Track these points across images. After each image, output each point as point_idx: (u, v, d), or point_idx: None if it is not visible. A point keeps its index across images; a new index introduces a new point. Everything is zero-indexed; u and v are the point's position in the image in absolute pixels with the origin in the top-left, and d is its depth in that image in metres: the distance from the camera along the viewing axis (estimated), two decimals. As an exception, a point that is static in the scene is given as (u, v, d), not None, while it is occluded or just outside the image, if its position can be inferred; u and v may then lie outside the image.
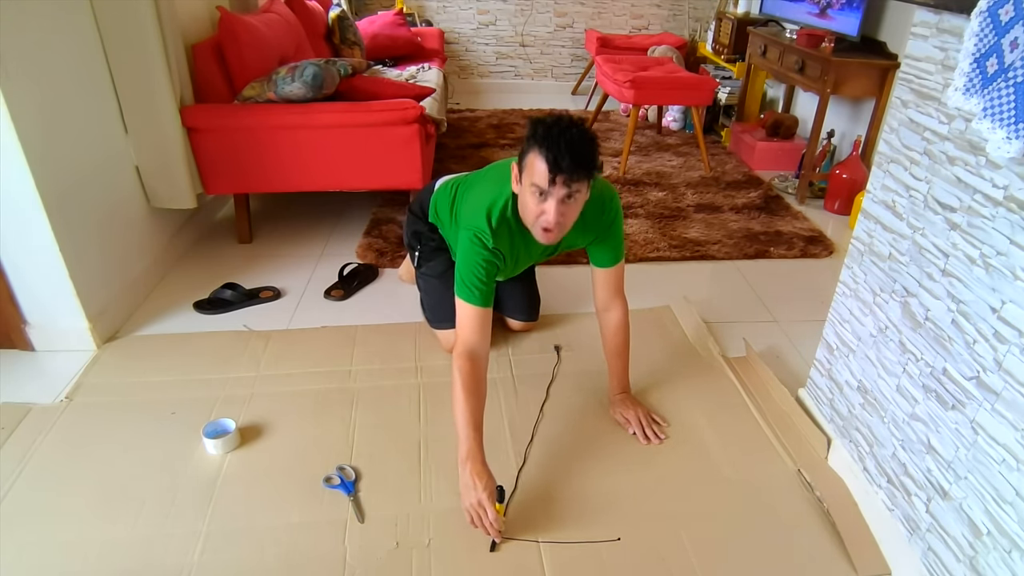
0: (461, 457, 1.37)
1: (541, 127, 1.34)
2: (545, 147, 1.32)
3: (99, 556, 1.31)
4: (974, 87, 1.04)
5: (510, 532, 1.37)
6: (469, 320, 1.48)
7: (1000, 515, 1.05)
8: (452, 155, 3.53)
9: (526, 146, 1.37)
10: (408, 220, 2.00)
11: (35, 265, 1.80)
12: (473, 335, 1.47)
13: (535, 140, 1.34)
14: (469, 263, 1.48)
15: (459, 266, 1.50)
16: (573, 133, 1.32)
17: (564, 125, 1.33)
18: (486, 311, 1.49)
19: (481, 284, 1.47)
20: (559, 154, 1.30)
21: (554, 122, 1.34)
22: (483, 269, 1.48)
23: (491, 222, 1.50)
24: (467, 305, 1.48)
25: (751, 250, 2.62)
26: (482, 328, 1.48)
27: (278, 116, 2.30)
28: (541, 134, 1.33)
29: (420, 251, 1.93)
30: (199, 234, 2.65)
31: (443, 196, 1.84)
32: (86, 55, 1.94)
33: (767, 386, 1.81)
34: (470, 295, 1.47)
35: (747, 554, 1.35)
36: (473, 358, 1.45)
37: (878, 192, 1.39)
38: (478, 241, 1.49)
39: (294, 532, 1.37)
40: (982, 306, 1.09)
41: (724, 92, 4.08)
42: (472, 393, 1.40)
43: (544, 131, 1.33)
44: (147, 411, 1.69)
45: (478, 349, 1.47)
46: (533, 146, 1.34)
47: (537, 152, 1.33)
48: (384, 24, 3.94)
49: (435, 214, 1.89)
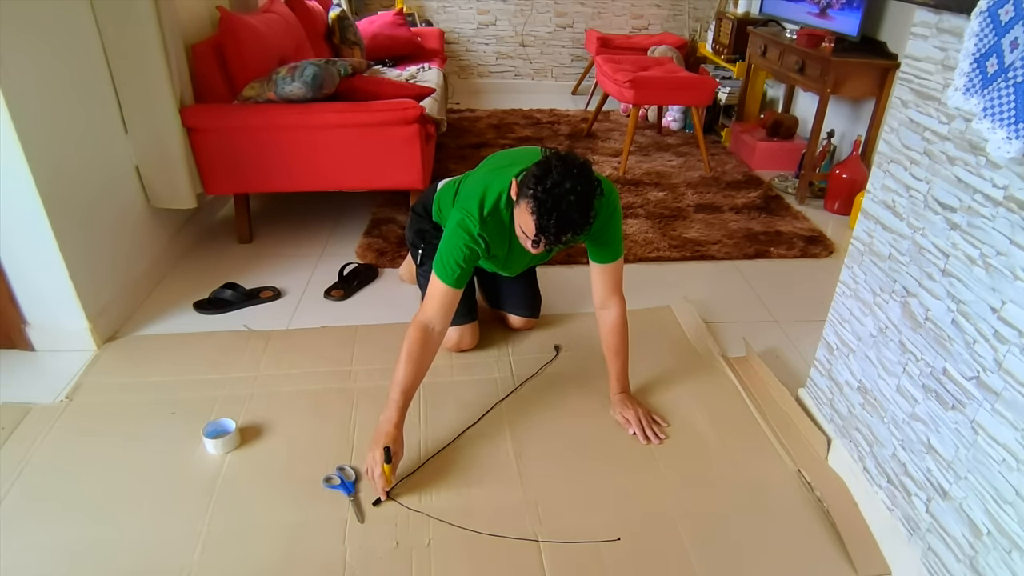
0: (382, 418, 1.46)
1: (547, 183, 1.30)
2: (537, 213, 1.32)
3: (99, 556, 1.31)
4: (974, 87, 1.04)
5: (510, 531, 1.37)
6: (438, 296, 1.52)
7: (1000, 515, 1.05)
8: (452, 155, 3.53)
9: (524, 189, 1.35)
10: (411, 219, 2.01)
11: (35, 265, 1.80)
12: (436, 311, 1.52)
13: (533, 194, 1.32)
14: (450, 243, 1.52)
15: (442, 244, 1.54)
16: (570, 202, 1.30)
17: (564, 191, 1.29)
18: (456, 292, 1.53)
19: (457, 266, 1.51)
20: (547, 226, 1.32)
21: (560, 181, 1.30)
22: (462, 253, 1.51)
23: (483, 210, 1.52)
24: (439, 282, 1.52)
25: (751, 250, 2.62)
26: (447, 308, 1.53)
27: (278, 116, 2.30)
28: (540, 195, 1.31)
29: (423, 249, 1.94)
30: (199, 234, 2.65)
31: (446, 195, 1.85)
32: (86, 55, 1.94)
33: (767, 386, 1.81)
34: (444, 273, 1.51)
35: (747, 554, 1.35)
36: (427, 331, 1.51)
37: (878, 192, 1.39)
38: (465, 224, 1.52)
39: (294, 532, 1.37)
40: (982, 306, 1.09)
41: (724, 92, 4.08)
42: (414, 362, 1.47)
43: (545, 192, 1.30)
44: (147, 411, 1.69)
45: (436, 325, 1.52)
46: (529, 199, 1.33)
47: (529, 207, 1.33)
48: (384, 24, 3.94)
49: (438, 212, 1.90)
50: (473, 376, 1.86)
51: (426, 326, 1.51)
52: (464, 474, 1.53)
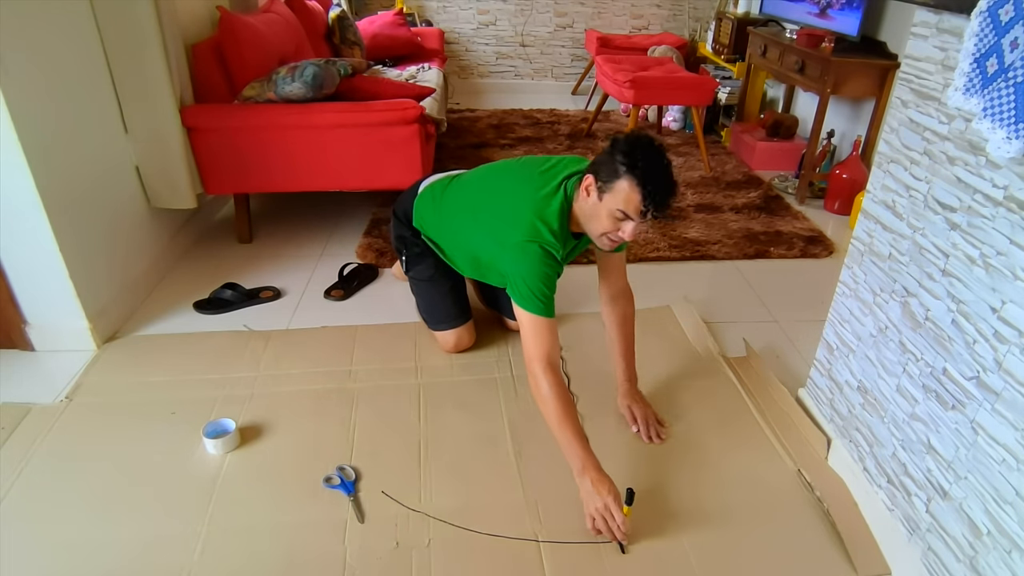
0: (577, 469, 1.35)
1: (640, 156, 1.33)
2: (642, 182, 1.33)
3: (99, 556, 1.31)
4: (974, 87, 1.04)
5: (510, 531, 1.37)
6: (546, 332, 1.44)
7: (1000, 515, 1.05)
8: (452, 155, 3.52)
9: (615, 167, 1.36)
10: (393, 224, 1.97)
11: (35, 265, 1.80)
12: (553, 347, 1.44)
13: (631, 169, 1.33)
14: (540, 276, 1.44)
15: (528, 280, 1.44)
16: (665, 167, 1.35)
17: (658, 157, 1.34)
18: (555, 320, 1.47)
19: (551, 295, 1.46)
20: (657, 191, 1.33)
21: (650, 152, 1.34)
22: (553, 280, 1.47)
23: (556, 235, 1.48)
24: (541, 319, 1.44)
25: (751, 250, 2.62)
26: (556, 337, 1.46)
27: (278, 116, 2.30)
28: (641, 165, 1.33)
29: (406, 256, 1.92)
30: (199, 234, 2.65)
31: (427, 201, 1.82)
32: (86, 55, 1.94)
33: (767, 386, 1.81)
34: (543, 308, 1.44)
35: (747, 554, 1.35)
36: (557, 370, 1.42)
37: (878, 192, 1.39)
38: (549, 255, 1.46)
39: (294, 532, 1.37)
40: (982, 306, 1.09)
41: (724, 92, 4.08)
42: (570, 404, 1.39)
43: (644, 163, 1.33)
44: (147, 411, 1.69)
45: (556, 360, 1.45)
46: (627, 173, 1.34)
47: (632, 182, 1.33)
48: (384, 24, 3.94)
49: (420, 219, 1.85)
50: (473, 376, 1.86)
51: (554, 366, 1.42)
52: (464, 474, 1.53)
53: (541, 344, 1.43)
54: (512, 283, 1.47)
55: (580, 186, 1.47)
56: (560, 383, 1.40)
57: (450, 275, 1.91)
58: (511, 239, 1.49)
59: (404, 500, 1.45)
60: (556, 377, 1.40)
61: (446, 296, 1.90)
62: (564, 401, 1.38)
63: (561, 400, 1.38)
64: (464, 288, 1.97)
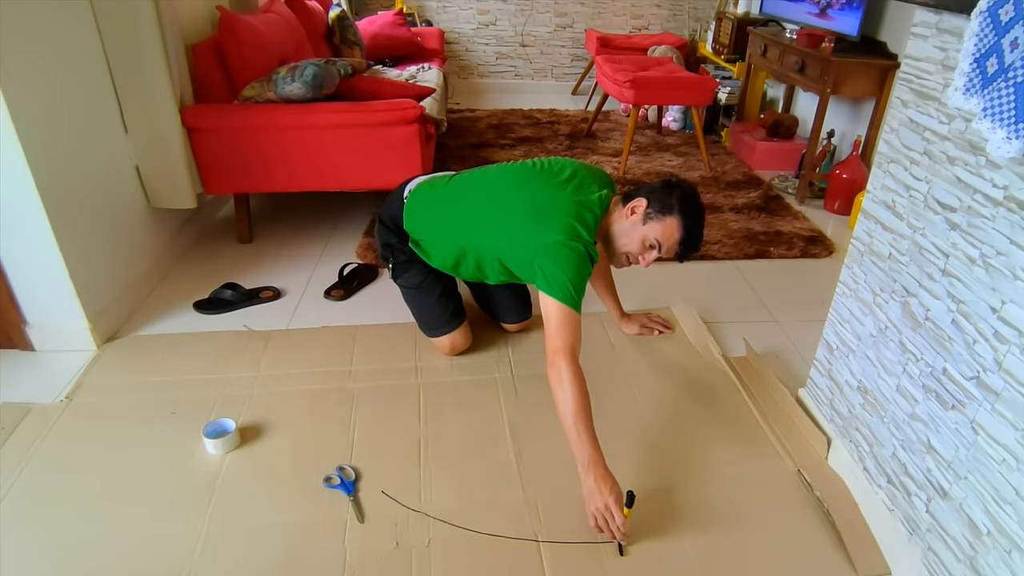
0: (583, 464, 1.35)
1: (694, 209, 1.58)
2: (687, 228, 1.57)
3: (99, 556, 1.31)
4: (974, 87, 1.04)
5: (510, 531, 1.37)
6: (574, 325, 1.46)
7: (1000, 515, 1.05)
8: (452, 155, 3.52)
9: (671, 204, 1.57)
10: (378, 230, 1.91)
11: (35, 265, 1.80)
12: (577, 340, 1.46)
13: (684, 214, 1.56)
14: (580, 273, 1.49)
15: (568, 274, 1.47)
16: (702, 227, 1.60)
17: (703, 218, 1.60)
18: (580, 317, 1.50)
19: (583, 293, 1.50)
20: (692, 241, 1.59)
21: (700, 210, 1.60)
22: (586, 280, 1.52)
23: (591, 233, 1.56)
24: (571, 312, 1.46)
25: (751, 250, 2.62)
26: (580, 333, 1.48)
27: (278, 116, 2.30)
28: (692, 216, 1.57)
29: (393, 264, 1.88)
30: (199, 234, 2.65)
31: (420, 202, 1.79)
32: (86, 55, 1.94)
33: (767, 386, 1.81)
34: (576, 304, 1.47)
35: (747, 554, 1.35)
36: (578, 363, 1.44)
37: (878, 192, 1.39)
38: (589, 256, 1.52)
39: (294, 532, 1.37)
40: (982, 306, 1.09)
41: (724, 92, 4.08)
42: (587, 399, 1.40)
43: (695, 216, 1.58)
44: (147, 411, 1.69)
45: (578, 353, 1.46)
46: (679, 215, 1.56)
47: (679, 223, 1.56)
48: (384, 24, 3.94)
49: (411, 220, 1.81)
50: (473, 376, 1.86)
51: (577, 355, 1.44)
52: (464, 474, 1.53)
53: (567, 336, 1.45)
54: (549, 276, 1.48)
55: (624, 205, 1.61)
56: (581, 377, 1.41)
57: (440, 279, 1.87)
58: (548, 238, 1.53)
59: (404, 500, 1.45)
60: (579, 369, 1.42)
61: (437, 301, 1.87)
62: (583, 395, 1.39)
63: (581, 393, 1.39)
64: (456, 290, 1.94)
